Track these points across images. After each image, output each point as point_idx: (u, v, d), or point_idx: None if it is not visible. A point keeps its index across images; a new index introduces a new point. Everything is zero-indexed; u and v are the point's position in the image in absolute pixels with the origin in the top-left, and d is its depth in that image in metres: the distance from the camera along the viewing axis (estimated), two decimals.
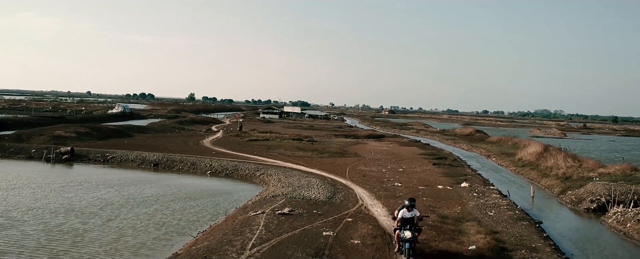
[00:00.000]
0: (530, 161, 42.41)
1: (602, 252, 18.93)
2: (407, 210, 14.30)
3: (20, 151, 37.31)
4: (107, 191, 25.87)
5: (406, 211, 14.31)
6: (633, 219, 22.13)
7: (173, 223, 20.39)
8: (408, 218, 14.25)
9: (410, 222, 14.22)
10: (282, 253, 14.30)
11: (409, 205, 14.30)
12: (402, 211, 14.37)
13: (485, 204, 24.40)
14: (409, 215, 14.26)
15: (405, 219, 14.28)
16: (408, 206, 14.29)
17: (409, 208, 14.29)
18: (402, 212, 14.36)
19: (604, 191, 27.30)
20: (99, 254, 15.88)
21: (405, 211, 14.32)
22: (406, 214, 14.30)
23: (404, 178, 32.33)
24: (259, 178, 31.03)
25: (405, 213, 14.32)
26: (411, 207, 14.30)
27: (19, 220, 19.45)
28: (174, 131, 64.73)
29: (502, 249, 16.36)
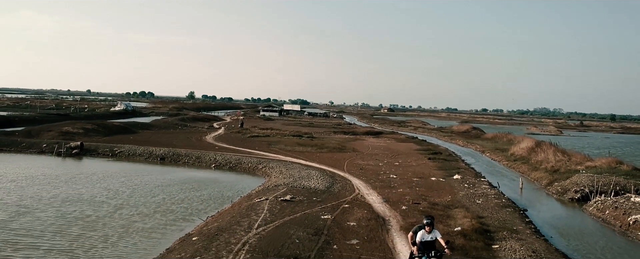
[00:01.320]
0: (522, 156, 44.01)
1: (581, 236, 20.48)
2: (426, 231, 11.38)
3: (31, 146, 38.86)
4: (116, 182, 27.41)
5: (425, 232, 11.38)
6: (611, 207, 23.72)
7: (181, 210, 21.95)
8: (429, 241, 11.38)
9: (432, 247, 11.34)
10: (285, 231, 15.88)
11: (429, 223, 11.40)
12: (421, 233, 11.42)
13: (475, 193, 25.98)
14: (429, 237, 11.37)
15: (426, 244, 11.35)
16: (428, 224, 11.40)
17: (428, 227, 11.38)
18: (421, 234, 11.41)
19: (588, 183, 28.87)
20: (112, 237, 17.36)
21: (424, 232, 11.39)
22: (426, 236, 11.36)
23: (400, 171, 33.91)
24: (262, 170, 32.62)
25: (424, 235, 11.37)
26: (430, 226, 11.40)
27: (35, 208, 20.90)
28: (176, 128, 66.29)
29: (485, 231, 17.94)
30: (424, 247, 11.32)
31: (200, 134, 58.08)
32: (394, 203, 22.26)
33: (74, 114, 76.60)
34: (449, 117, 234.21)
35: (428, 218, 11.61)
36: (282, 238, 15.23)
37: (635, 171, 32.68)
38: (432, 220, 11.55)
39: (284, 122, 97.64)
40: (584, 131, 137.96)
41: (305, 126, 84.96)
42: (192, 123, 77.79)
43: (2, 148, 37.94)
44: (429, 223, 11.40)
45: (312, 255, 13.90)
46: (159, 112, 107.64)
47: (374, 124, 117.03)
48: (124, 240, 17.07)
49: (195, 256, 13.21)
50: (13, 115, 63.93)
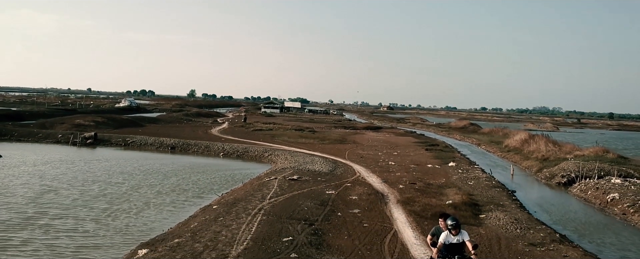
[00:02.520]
0: (515, 147, 45.96)
1: (562, 211, 22.41)
2: (451, 233, 9.26)
3: (48, 136, 40.78)
4: (130, 167, 29.32)
5: (450, 234, 9.26)
6: (592, 188, 25.68)
7: (195, 189, 23.86)
8: (454, 244, 9.23)
9: (457, 251, 9.21)
10: (295, 202, 17.82)
11: (454, 225, 9.25)
12: (446, 235, 9.31)
13: (467, 177, 27.93)
14: (455, 240, 9.24)
15: (451, 247, 9.23)
16: (453, 227, 9.25)
17: (453, 228, 9.25)
18: (446, 236, 9.30)
19: (574, 169, 30.82)
20: (135, 209, 19.20)
21: (449, 234, 9.27)
22: (451, 238, 9.25)
23: (398, 159, 35.83)
24: (268, 158, 34.55)
25: (449, 237, 9.26)
26: (457, 227, 9.26)
27: (59, 187, 22.72)
28: (182, 122, 68.20)
29: (474, 204, 19.89)
30: (447, 251, 9.20)
31: (205, 128, 59.97)
32: (392, 183, 24.20)
33: (80, 110, 78.43)
34: (447, 114, 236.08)
35: (453, 219, 9.33)
36: (293, 206, 17.16)
37: (620, 159, 34.65)
38: (458, 223, 9.27)
39: (285, 118, 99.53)
40: (580, 128, 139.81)
41: (306, 122, 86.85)
42: (196, 118, 79.70)
43: (21, 139, 39.86)
44: (455, 224, 9.20)
45: (319, 219, 15.83)
46: (162, 109, 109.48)
47: (374, 120, 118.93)
48: (147, 212, 18.98)
49: (217, 218, 15.14)
50: (23, 110, 65.77)
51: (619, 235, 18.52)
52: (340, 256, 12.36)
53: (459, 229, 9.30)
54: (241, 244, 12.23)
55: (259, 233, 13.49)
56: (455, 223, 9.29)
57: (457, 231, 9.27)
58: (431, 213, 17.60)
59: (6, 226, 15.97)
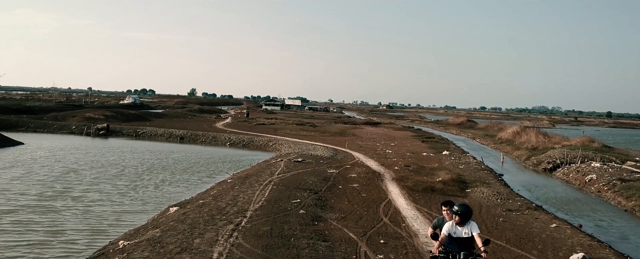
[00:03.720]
0: (508, 139, 48.08)
1: (543, 190, 24.50)
2: (457, 223, 7.36)
3: (62, 127, 42.90)
4: (143, 154, 31.44)
5: (456, 224, 7.37)
6: (574, 172, 27.81)
7: (207, 171, 25.96)
8: (461, 238, 7.34)
9: (465, 246, 7.31)
10: (300, 177, 19.93)
11: (460, 212, 7.30)
12: (450, 226, 7.43)
13: (459, 162, 30.03)
14: (462, 233, 7.35)
15: (456, 241, 7.37)
16: (459, 213, 7.30)
17: (460, 218, 7.31)
18: (450, 227, 7.42)
19: (559, 156, 32.90)
20: (153, 185, 21.27)
21: (455, 224, 7.38)
22: (457, 230, 7.36)
23: (395, 149, 37.92)
24: (272, 147, 36.67)
25: (454, 228, 7.38)
26: (465, 217, 7.30)
27: (80, 169, 24.73)
28: (186, 117, 70.33)
29: (462, 181, 21.99)
30: (451, 246, 7.32)
31: (209, 122, 62.08)
32: (388, 166, 26.30)
33: (87, 105, 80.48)
34: (446, 113, 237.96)
35: (462, 206, 7.34)
36: (298, 180, 19.27)
37: (604, 148, 36.78)
38: (466, 209, 7.27)
39: (286, 114, 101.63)
40: (577, 125, 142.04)
41: (307, 118, 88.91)
42: (200, 114, 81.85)
43: (36, 130, 41.98)
44: (462, 211, 7.21)
45: (322, 189, 17.93)
46: (165, 106, 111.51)
47: (373, 117, 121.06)
48: (165, 187, 21.10)
49: (234, 187, 17.23)
50: (33, 105, 67.82)
51: (592, 208, 20.61)
52: (342, 214, 14.44)
53: (468, 220, 7.19)
54: (257, 203, 14.33)
55: (271, 197, 15.59)
56: (464, 210, 7.14)
57: (464, 221, 7.17)
58: (422, 187, 19.72)
59: (44, 197, 18.03)
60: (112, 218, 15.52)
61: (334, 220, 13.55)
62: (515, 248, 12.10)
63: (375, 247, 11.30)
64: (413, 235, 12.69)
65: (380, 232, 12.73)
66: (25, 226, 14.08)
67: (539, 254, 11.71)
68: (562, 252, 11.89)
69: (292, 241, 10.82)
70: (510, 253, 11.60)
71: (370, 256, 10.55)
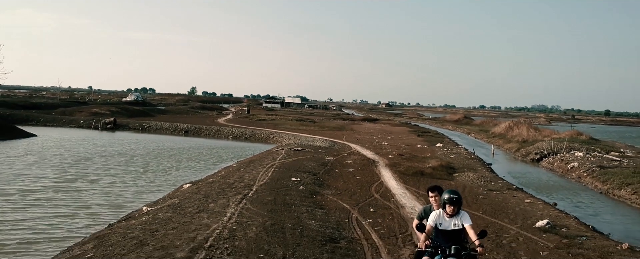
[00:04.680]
0: (500, 133, 49.74)
1: (527, 177, 26.12)
2: (446, 213, 6.18)
3: (71, 122, 44.53)
4: (149, 145, 33.04)
5: (444, 214, 6.19)
6: (558, 161, 29.45)
7: (212, 159, 27.60)
8: (448, 230, 6.16)
9: (454, 240, 6.13)
10: (300, 162, 21.57)
11: (453, 199, 6.10)
12: (437, 215, 6.24)
13: (450, 153, 31.66)
14: (449, 224, 6.17)
15: (444, 234, 6.18)
16: (451, 202, 6.09)
17: (450, 206, 6.10)
18: (438, 217, 6.22)
19: (547, 147, 34.55)
20: (163, 171, 22.90)
21: (443, 214, 6.20)
22: (444, 220, 6.19)
23: (391, 141, 39.54)
24: (273, 139, 38.32)
25: (442, 218, 6.20)
26: (455, 205, 6.10)
27: (91, 157, 26.33)
28: (189, 113, 71.98)
29: (450, 167, 23.63)
30: (439, 238, 6.17)
31: (211, 118, 63.71)
32: (383, 154, 27.93)
33: (90, 102, 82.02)
34: (445, 111, 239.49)
35: (452, 192, 6.20)
36: (299, 164, 20.92)
37: (591, 140, 38.42)
38: (458, 196, 6.16)
39: (285, 112, 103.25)
40: (573, 123, 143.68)
41: (307, 115, 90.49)
42: (202, 111, 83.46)
43: (46, 124, 43.61)
44: (454, 199, 6.09)
45: (320, 172, 19.58)
46: (167, 103, 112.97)
47: (371, 115, 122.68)
48: (174, 172, 22.74)
49: (239, 169, 18.86)
50: (39, 102, 69.39)
51: (571, 191, 22.23)
52: (337, 191, 16.08)
53: (458, 209, 6.09)
54: (261, 181, 15.97)
55: (274, 176, 17.23)
56: (454, 197, 6.05)
57: (454, 210, 6.06)
58: (413, 171, 21.35)
59: (62, 180, 19.61)
60: (130, 196, 17.14)
61: (330, 195, 15.20)
62: (490, 217, 13.73)
63: (366, 214, 12.93)
64: (400, 207, 14.32)
65: (371, 204, 14.36)
66: (52, 203, 15.68)
67: (510, 221, 13.34)
68: (530, 221, 13.51)
69: (293, 208, 12.46)
70: (484, 220, 13.22)
71: (361, 220, 12.18)
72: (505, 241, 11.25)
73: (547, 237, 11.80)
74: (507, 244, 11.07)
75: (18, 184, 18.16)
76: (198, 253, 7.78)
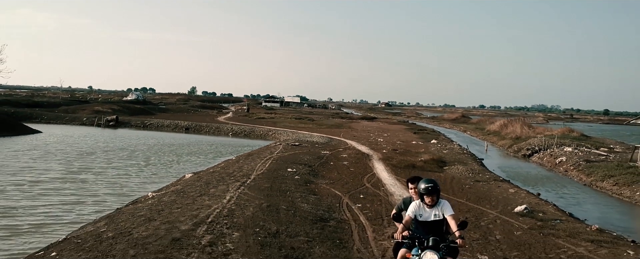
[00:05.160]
0: (495, 131, 50.68)
1: (516, 171, 27.02)
2: (425, 203, 5.78)
3: (74, 119, 45.47)
4: (150, 141, 33.99)
5: (424, 205, 5.80)
6: (547, 156, 30.39)
7: (211, 154, 28.52)
8: (428, 221, 5.78)
9: (435, 230, 5.74)
10: (297, 155, 22.50)
11: (430, 189, 5.68)
12: (417, 207, 5.86)
13: (444, 148, 32.59)
14: (430, 215, 5.79)
15: (423, 225, 5.80)
16: (428, 191, 5.69)
17: (429, 197, 5.71)
18: (416, 208, 5.85)
19: (538, 143, 35.47)
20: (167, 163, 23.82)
21: (422, 205, 5.81)
22: (424, 211, 5.81)
23: (387, 138, 40.45)
24: (272, 136, 39.27)
25: (421, 209, 5.82)
26: (432, 194, 5.71)
27: (94, 152, 27.27)
28: (189, 111, 72.91)
29: (442, 161, 24.55)
30: (418, 230, 5.76)
31: (212, 116, 64.63)
32: (378, 149, 28.86)
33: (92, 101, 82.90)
34: (444, 111, 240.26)
35: (427, 182, 5.74)
36: (295, 158, 21.84)
37: (581, 137, 39.38)
38: (434, 185, 5.70)
39: (285, 111, 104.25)
40: (571, 121, 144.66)
41: (306, 114, 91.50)
42: (202, 109, 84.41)
43: (50, 121, 44.56)
44: (430, 188, 5.66)
45: (316, 165, 20.50)
46: (167, 102, 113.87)
47: (370, 114, 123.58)
48: (175, 166, 23.68)
49: (239, 161, 19.79)
50: (41, 100, 70.33)
51: (556, 183, 23.15)
52: (331, 181, 17.00)
53: (437, 198, 5.73)
54: (259, 171, 16.90)
55: (271, 167, 18.16)
56: (431, 186, 5.66)
57: (433, 201, 5.70)
58: (404, 164, 22.26)
59: (68, 172, 20.52)
60: (134, 186, 18.06)
61: (324, 184, 16.13)
62: (472, 203, 14.65)
63: (356, 200, 13.86)
64: (389, 194, 15.24)
65: (362, 192, 15.28)
66: (61, 191, 16.59)
67: (491, 207, 14.26)
68: (510, 207, 14.42)
69: (287, 194, 13.38)
70: (467, 206, 14.15)
71: (351, 205, 13.11)
72: (483, 223, 12.18)
73: (523, 220, 12.71)
74: (484, 225, 11.99)
75: (27, 175, 19.08)
76: (200, 226, 8.70)
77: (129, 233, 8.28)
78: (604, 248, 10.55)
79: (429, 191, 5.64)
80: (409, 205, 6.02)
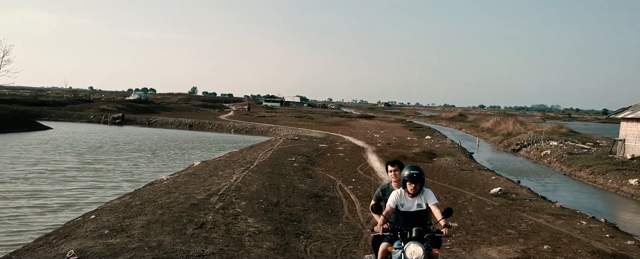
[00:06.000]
0: (488, 128, 52.31)
1: (503, 163, 28.63)
2: (407, 191, 5.26)
3: (81, 117, 47.15)
4: (156, 137, 35.61)
5: (406, 194, 5.28)
6: (533, 150, 32.02)
7: (215, 148, 30.14)
8: (411, 212, 5.29)
9: (418, 221, 5.23)
10: (296, 148, 24.13)
11: (413, 176, 5.16)
12: (398, 195, 5.33)
13: (436, 143, 34.21)
14: (412, 205, 5.29)
15: (406, 216, 5.31)
16: (411, 178, 5.16)
17: (411, 184, 5.17)
18: (397, 196, 5.32)
19: (527, 139, 37.08)
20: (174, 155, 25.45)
21: (404, 193, 5.30)
22: (406, 201, 5.30)
23: (383, 134, 42.06)
24: (272, 132, 40.92)
25: (403, 198, 5.30)
26: (416, 183, 5.17)
27: (103, 146, 28.87)
28: (192, 110, 74.59)
29: (432, 153, 26.16)
30: (400, 221, 5.27)
31: (214, 115, 66.28)
32: (372, 144, 30.48)
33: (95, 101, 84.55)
34: (443, 110, 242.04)
35: (413, 168, 5.23)
36: (295, 149, 23.48)
37: (570, 132, 41.01)
38: (419, 172, 5.21)
39: (285, 110, 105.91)
40: (568, 120, 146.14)
41: (305, 113, 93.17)
42: (204, 108, 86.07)
43: (58, 119, 46.21)
44: (415, 175, 5.15)
45: (314, 156, 22.12)
46: (169, 102, 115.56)
47: (369, 113, 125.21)
48: (181, 157, 25.29)
49: (242, 152, 21.41)
50: (46, 99, 72.07)
51: (539, 174, 24.77)
52: (327, 168, 18.63)
53: (421, 186, 5.22)
54: (261, 159, 18.54)
55: (272, 157, 19.80)
56: (416, 173, 5.17)
57: (415, 189, 5.17)
58: (397, 156, 23.80)
59: (81, 163, 22.07)
60: (146, 174, 19.67)
61: (320, 170, 17.75)
62: (454, 187, 16.26)
63: (348, 183, 15.47)
64: (379, 179, 16.84)
65: (354, 177, 16.90)
66: (78, 179, 18.18)
67: (469, 189, 15.88)
68: (487, 189, 16.03)
69: (287, 177, 15.01)
70: (448, 189, 15.75)
71: (343, 186, 14.73)
72: (459, 201, 13.79)
73: (496, 199, 14.32)
74: (460, 203, 13.60)
75: (46, 165, 20.71)
76: (213, 197, 10.33)
77: (154, 201, 9.90)
78: (562, 220, 12.16)
79: (413, 178, 5.09)
80: (387, 193, 5.46)
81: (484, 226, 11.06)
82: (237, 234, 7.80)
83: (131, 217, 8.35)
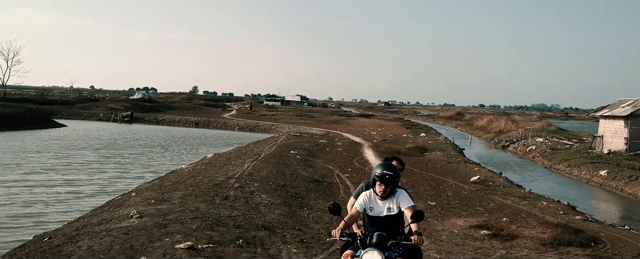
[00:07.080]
0: (482, 126, 54.41)
1: (490, 158, 30.71)
2: (377, 194, 4.33)
3: (91, 115, 49.26)
4: (163, 134, 37.70)
5: (376, 196, 4.35)
6: (520, 146, 34.10)
7: (221, 144, 32.20)
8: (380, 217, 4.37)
9: (389, 227, 4.31)
10: (298, 143, 26.22)
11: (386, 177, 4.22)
12: (367, 197, 4.41)
13: (430, 139, 36.28)
14: (382, 209, 4.35)
15: (375, 221, 4.39)
16: (383, 179, 4.23)
17: (382, 186, 4.26)
18: (366, 199, 4.40)
19: (516, 135, 39.16)
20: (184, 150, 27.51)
21: (373, 196, 4.37)
22: (376, 205, 4.37)
23: (380, 132, 44.12)
24: (275, 129, 43.04)
25: (373, 201, 4.37)
26: (388, 184, 4.24)
27: (115, 142, 30.89)
28: (195, 109, 76.70)
29: (424, 148, 28.24)
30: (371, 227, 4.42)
31: (217, 114, 68.36)
32: (369, 140, 32.57)
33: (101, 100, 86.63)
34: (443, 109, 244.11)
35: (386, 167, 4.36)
36: (297, 144, 25.58)
37: (558, 130, 43.12)
38: (394, 174, 4.29)
39: (286, 109, 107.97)
40: (565, 120, 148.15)
41: (306, 111, 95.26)
42: (207, 107, 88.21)
43: (69, 117, 48.29)
44: (387, 177, 4.26)
45: (314, 150, 24.22)
46: (172, 101, 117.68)
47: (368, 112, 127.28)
48: (192, 152, 27.34)
49: (248, 147, 23.51)
50: (54, 99, 74.12)
51: (522, 167, 26.85)
52: (326, 160, 20.72)
53: (392, 189, 4.32)
54: (267, 152, 20.66)
55: (276, 150, 21.90)
56: (389, 175, 4.27)
57: (385, 192, 4.31)
58: (391, 150, 25.86)
59: (100, 156, 24.10)
60: (164, 167, 21.72)
61: (320, 162, 19.85)
62: (439, 176, 18.33)
63: (345, 172, 17.56)
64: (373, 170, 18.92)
65: (350, 167, 18.99)
66: (100, 170, 20.20)
67: (452, 178, 17.95)
68: (468, 177, 18.10)
69: (291, 166, 17.10)
70: (433, 177, 17.81)
71: (340, 174, 16.82)
72: (441, 187, 15.88)
73: (474, 186, 16.40)
74: (442, 188, 15.68)
75: (69, 159, 22.75)
76: (231, 179, 12.42)
77: (183, 182, 11.99)
78: (526, 201, 14.25)
79: (385, 179, 4.24)
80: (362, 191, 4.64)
81: (458, 205, 13.15)
82: (254, 204, 9.89)
83: (169, 192, 10.44)
